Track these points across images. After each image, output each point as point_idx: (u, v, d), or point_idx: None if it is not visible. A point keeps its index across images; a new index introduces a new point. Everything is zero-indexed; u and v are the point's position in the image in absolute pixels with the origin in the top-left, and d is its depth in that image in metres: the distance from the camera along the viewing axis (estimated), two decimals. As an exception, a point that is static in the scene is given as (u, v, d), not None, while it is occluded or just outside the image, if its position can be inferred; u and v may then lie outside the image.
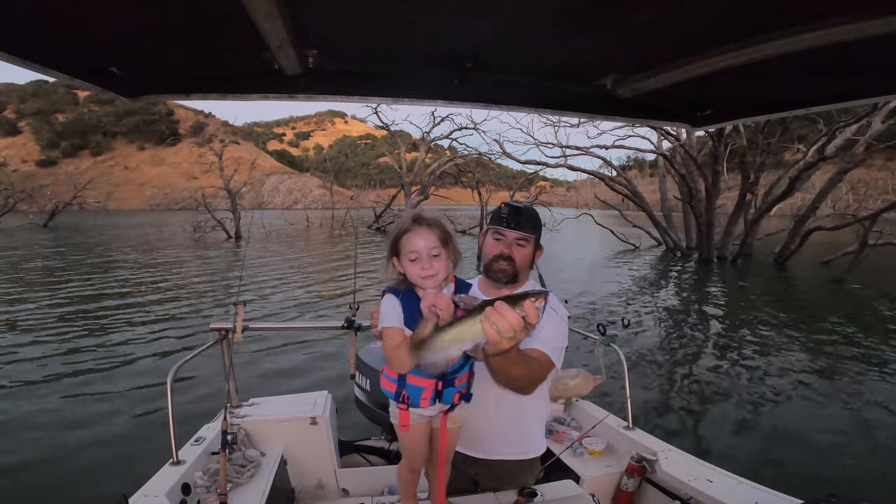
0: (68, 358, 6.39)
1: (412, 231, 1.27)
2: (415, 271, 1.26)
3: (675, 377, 6.02)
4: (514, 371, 1.31)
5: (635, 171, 55.65)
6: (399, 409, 1.34)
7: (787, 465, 3.95)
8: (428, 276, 1.25)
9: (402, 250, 1.28)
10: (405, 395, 1.30)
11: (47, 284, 11.97)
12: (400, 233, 1.29)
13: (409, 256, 1.26)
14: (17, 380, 5.57)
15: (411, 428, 1.35)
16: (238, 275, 5.95)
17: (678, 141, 18.61)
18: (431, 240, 1.26)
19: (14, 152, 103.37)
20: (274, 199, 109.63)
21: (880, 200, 22.48)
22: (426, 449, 1.42)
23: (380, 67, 1.31)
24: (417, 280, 1.27)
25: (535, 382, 1.45)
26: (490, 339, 1.01)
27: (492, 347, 1.04)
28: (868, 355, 6.83)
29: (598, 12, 0.92)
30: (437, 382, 1.29)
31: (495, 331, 1.00)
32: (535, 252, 1.64)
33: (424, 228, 1.27)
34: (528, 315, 1.00)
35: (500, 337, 1.00)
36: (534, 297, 1.01)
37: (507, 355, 1.16)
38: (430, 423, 1.40)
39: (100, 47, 1.09)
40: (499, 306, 1.00)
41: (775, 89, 1.33)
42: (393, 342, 1.24)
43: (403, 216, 1.34)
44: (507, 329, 0.99)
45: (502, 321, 0.99)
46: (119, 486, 1.55)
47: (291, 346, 6.82)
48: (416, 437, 1.38)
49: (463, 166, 30.89)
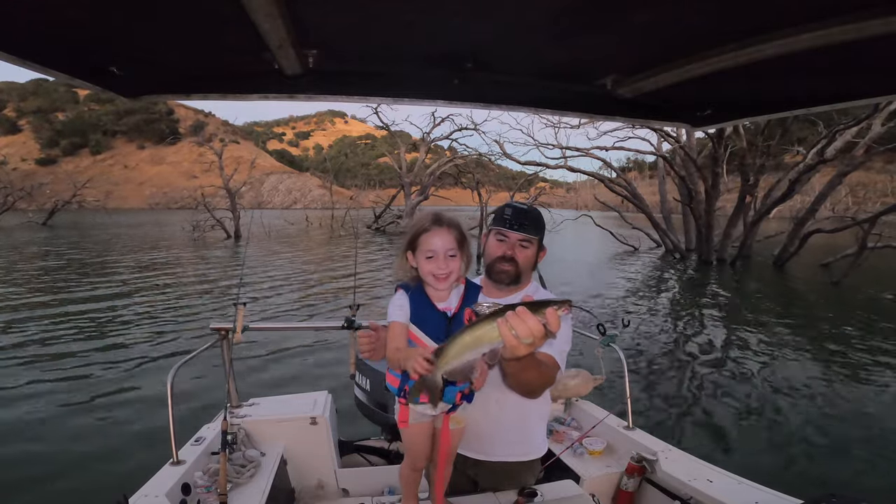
0: (67, 358, 6.38)
1: (431, 230, 1.31)
2: (429, 268, 1.29)
3: (675, 377, 6.02)
4: (527, 376, 1.30)
5: (635, 172, 55.58)
6: (399, 404, 1.35)
7: (787, 465, 3.96)
8: (442, 275, 1.28)
9: (420, 247, 1.32)
10: (407, 389, 1.31)
11: (46, 284, 11.95)
12: (419, 231, 1.33)
13: (426, 254, 1.30)
14: (16, 380, 5.56)
15: (413, 426, 1.36)
16: (238, 275, 5.98)
17: (678, 143, 18.62)
18: (449, 241, 1.31)
19: (14, 150, 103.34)
20: (273, 198, 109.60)
21: (879, 203, 22.52)
22: (428, 449, 1.42)
23: (380, 67, 1.31)
24: (430, 278, 1.30)
25: (544, 386, 1.45)
26: (508, 343, 0.99)
27: (509, 352, 1.02)
28: (867, 357, 6.83)
29: (598, 12, 0.92)
30: None
31: (513, 336, 0.98)
32: (537, 253, 1.63)
33: (444, 229, 1.32)
34: (549, 323, 0.98)
35: (518, 342, 0.98)
36: (556, 306, 0.99)
37: (522, 361, 1.14)
38: (433, 423, 1.40)
39: (100, 47, 1.09)
40: (520, 312, 0.98)
41: (775, 89, 1.33)
42: (394, 337, 1.27)
43: (422, 215, 1.37)
44: (526, 335, 0.97)
45: (522, 326, 0.97)
46: (119, 486, 1.54)
47: (291, 347, 6.81)
48: (418, 436, 1.39)
49: (463, 167, 30.87)
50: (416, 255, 1.33)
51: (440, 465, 1.41)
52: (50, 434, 4.29)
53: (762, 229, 18.56)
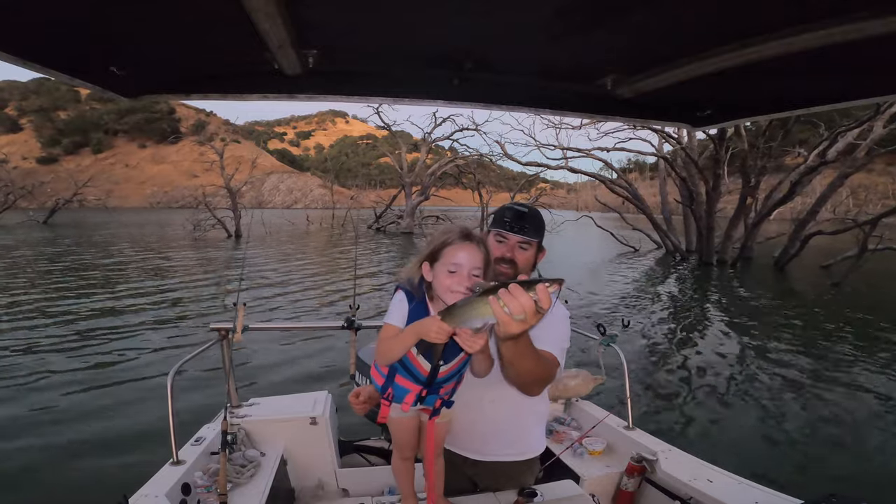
0: (67, 358, 6.38)
1: (459, 245, 1.24)
2: (448, 283, 1.23)
3: (675, 377, 6.02)
4: (526, 364, 1.29)
5: (636, 173, 55.67)
6: (381, 403, 1.36)
7: (787, 465, 3.95)
8: (459, 292, 1.22)
9: (442, 259, 1.25)
10: (390, 392, 1.33)
11: (46, 283, 11.96)
12: (446, 242, 1.25)
13: (449, 268, 1.23)
14: (16, 380, 5.57)
15: (397, 419, 1.39)
16: (238, 274, 5.98)
17: (679, 144, 18.61)
18: (478, 259, 1.24)
19: (15, 149, 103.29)
20: (274, 198, 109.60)
21: (881, 205, 22.49)
22: (414, 439, 1.43)
23: (380, 67, 1.31)
24: (446, 294, 1.23)
25: (544, 381, 1.45)
26: (500, 319, 1.04)
27: (502, 329, 1.07)
28: (868, 358, 6.82)
29: (598, 12, 0.92)
30: (421, 389, 1.31)
31: (506, 313, 1.02)
32: (537, 255, 1.64)
33: (473, 245, 1.25)
34: (540, 300, 1.01)
35: (509, 318, 1.03)
36: (548, 283, 1.03)
37: (518, 345, 1.18)
38: (419, 416, 1.41)
39: (100, 47, 1.09)
40: (512, 288, 1.02)
41: (775, 89, 1.33)
42: (386, 335, 1.26)
43: (451, 228, 1.30)
44: (518, 311, 1.01)
45: (514, 303, 1.01)
46: (119, 486, 1.54)
47: (292, 347, 6.82)
48: (404, 428, 1.41)
49: (464, 167, 30.89)
50: (434, 267, 1.26)
51: (429, 459, 1.42)
52: (49, 434, 4.29)
53: (763, 231, 18.55)
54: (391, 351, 1.25)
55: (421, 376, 1.29)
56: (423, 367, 1.28)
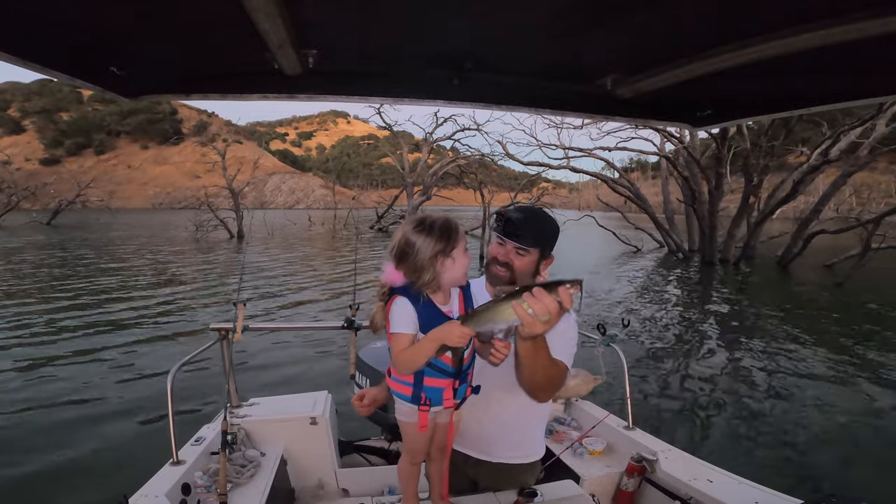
0: (68, 357, 6.40)
1: (461, 233, 1.28)
2: (466, 262, 1.28)
3: (676, 377, 6.01)
4: (540, 365, 1.30)
5: (638, 173, 55.44)
6: (420, 411, 1.31)
7: (787, 465, 3.95)
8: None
9: (459, 246, 1.27)
10: (424, 397, 1.29)
11: (48, 283, 12.01)
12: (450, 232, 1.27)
13: (465, 247, 1.28)
14: (16, 379, 5.59)
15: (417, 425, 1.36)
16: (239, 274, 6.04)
17: (681, 143, 18.58)
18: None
19: (18, 150, 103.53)
20: (276, 198, 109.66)
21: (884, 204, 22.39)
22: (427, 444, 1.43)
23: (380, 67, 1.31)
24: (458, 281, 1.29)
25: (555, 386, 1.43)
26: (525, 321, 1.10)
27: (526, 330, 1.13)
28: (869, 358, 6.80)
29: (598, 12, 0.92)
30: (454, 381, 1.30)
31: (530, 314, 1.09)
32: (539, 261, 1.56)
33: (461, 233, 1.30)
34: (563, 300, 1.09)
35: (534, 320, 1.10)
36: (568, 284, 1.10)
37: (536, 346, 1.24)
38: (434, 419, 1.40)
39: (100, 47, 1.09)
40: (536, 292, 1.09)
41: (775, 89, 1.32)
42: (402, 346, 1.23)
43: (431, 219, 1.30)
44: (542, 312, 1.08)
45: (539, 304, 1.08)
46: (119, 486, 1.55)
47: (291, 347, 6.83)
48: (422, 434, 1.39)
49: (465, 167, 30.85)
50: (453, 255, 1.25)
51: (447, 456, 1.44)
52: (49, 434, 4.30)
53: (766, 230, 18.53)
54: (413, 361, 1.23)
55: (449, 368, 1.28)
56: (448, 356, 1.28)
